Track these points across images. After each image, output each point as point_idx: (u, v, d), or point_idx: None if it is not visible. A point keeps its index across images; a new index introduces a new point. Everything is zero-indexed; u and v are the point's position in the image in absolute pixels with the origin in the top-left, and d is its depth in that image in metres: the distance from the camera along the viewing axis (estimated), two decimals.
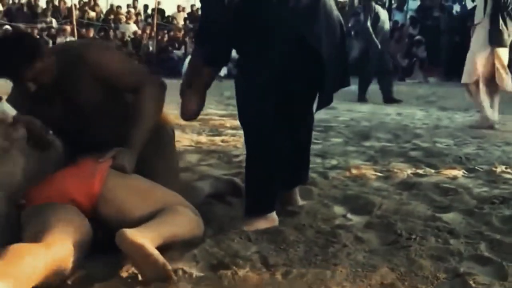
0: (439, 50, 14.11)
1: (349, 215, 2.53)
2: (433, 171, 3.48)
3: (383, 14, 8.53)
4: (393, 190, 2.97)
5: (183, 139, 4.43)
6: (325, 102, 2.40)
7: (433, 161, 3.76)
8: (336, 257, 1.97)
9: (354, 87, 7.43)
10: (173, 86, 2.72)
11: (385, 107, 7.51)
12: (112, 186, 1.90)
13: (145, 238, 1.66)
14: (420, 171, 3.45)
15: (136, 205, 1.88)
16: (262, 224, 2.31)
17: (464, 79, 5.72)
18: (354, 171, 3.36)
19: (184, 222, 1.91)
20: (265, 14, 2.20)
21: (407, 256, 1.98)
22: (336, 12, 2.38)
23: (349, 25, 12.67)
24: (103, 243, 1.83)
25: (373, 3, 8.31)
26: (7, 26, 14.89)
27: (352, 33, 11.90)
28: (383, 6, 9.14)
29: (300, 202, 2.63)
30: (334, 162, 3.71)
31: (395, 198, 2.79)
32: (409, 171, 3.42)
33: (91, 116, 2.21)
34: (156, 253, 1.66)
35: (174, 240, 1.88)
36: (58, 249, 1.65)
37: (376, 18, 8.25)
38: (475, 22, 5.74)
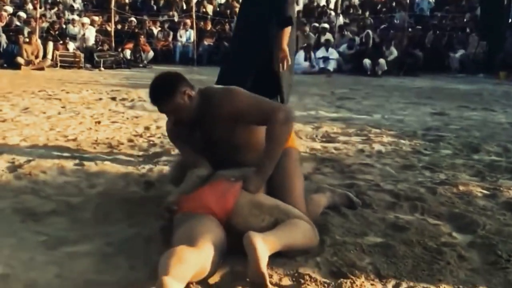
0: None
1: (454, 234, 2.77)
2: None
3: None
4: (497, 210, 3.13)
5: (299, 146, 4.79)
6: None
7: None
8: (441, 273, 2.27)
9: None
10: None
11: (498, 114, 7.35)
12: (242, 203, 2.37)
13: (265, 241, 2.08)
14: None
15: (260, 219, 2.34)
16: None
17: None
18: (461, 188, 3.52)
19: (301, 233, 2.33)
20: None
21: (505, 277, 2.25)
22: None
23: None
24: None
25: None
26: (133, 19, 16.10)
27: None
28: None
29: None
30: (442, 176, 3.89)
31: (499, 219, 2.97)
32: None
33: (224, 148, 2.68)
34: (263, 260, 2.04)
35: (291, 248, 2.29)
36: (207, 253, 2.09)
37: None
38: None
